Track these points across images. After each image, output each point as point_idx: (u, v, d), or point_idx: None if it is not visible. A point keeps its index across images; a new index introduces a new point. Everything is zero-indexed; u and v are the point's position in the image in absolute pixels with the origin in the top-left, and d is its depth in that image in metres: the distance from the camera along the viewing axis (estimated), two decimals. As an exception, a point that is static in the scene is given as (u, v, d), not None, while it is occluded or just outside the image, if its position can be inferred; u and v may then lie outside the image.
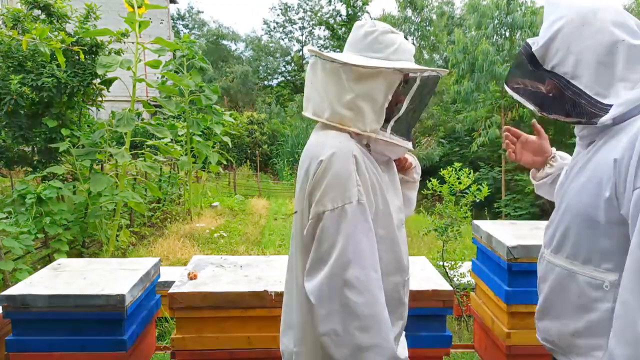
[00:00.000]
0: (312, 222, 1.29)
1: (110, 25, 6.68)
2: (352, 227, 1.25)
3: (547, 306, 1.34)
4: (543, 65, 1.26)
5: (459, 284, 4.46)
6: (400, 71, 1.32)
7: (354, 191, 1.26)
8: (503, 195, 15.92)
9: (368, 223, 1.28)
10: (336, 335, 1.23)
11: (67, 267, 2.47)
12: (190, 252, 6.80)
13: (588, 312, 1.21)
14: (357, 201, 1.26)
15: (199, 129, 9.45)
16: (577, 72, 1.19)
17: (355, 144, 1.33)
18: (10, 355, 2.11)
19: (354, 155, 1.29)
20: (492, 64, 15.16)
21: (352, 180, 1.26)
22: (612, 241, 1.15)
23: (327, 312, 1.24)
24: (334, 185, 1.26)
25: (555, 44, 1.22)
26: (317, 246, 1.27)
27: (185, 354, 2.22)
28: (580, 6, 1.21)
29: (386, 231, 1.36)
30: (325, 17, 32.87)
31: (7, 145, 6.69)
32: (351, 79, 1.32)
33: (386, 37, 1.36)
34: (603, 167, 1.15)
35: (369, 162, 1.35)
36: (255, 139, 22.67)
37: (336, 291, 1.23)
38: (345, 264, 1.23)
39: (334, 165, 1.27)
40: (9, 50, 6.17)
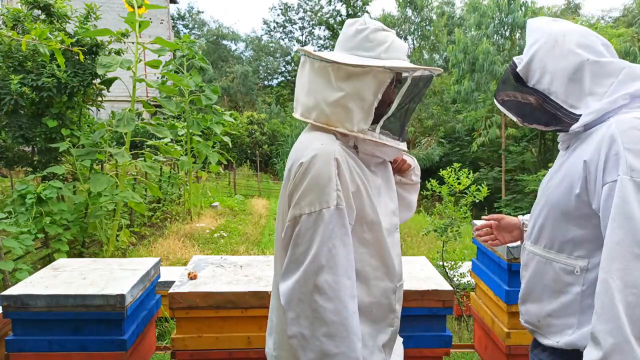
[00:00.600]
0: (290, 224, 1.27)
1: (110, 25, 6.69)
2: (328, 232, 1.22)
3: (528, 291, 1.47)
4: (527, 83, 1.43)
5: (459, 284, 4.47)
6: (391, 70, 1.28)
7: (332, 195, 1.23)
8: (503, 195, 15.92)
9: (345, 228, 1.25)
10: (304, 339, 1.23)
11: (67, 267, 2.47)
12: (190, 252, 6.80)
13: (561, 294, 1.36)
14: (336, 206, 1.23)
15: (199, 129, 9.44)
16: (553, 88, 1.37)
17: (340, 146, 1.29)
18: (10, 355, 2.11)
19: (335, 158, 1.25)
20: (492, 63, 15.17)
21: (332, 185, 1.23)
22: (582, 231, 1.31)
23: (296, 315, 1.23)
24: (312, 189, 1.23)
25: (534, 64, 1.40)
26: (293, 249, 1.26)
27: (185, 354, 2.23)
28: (551, 30, 1.39)
29: (373, 236, 1.34)
30: (325, 17, 32.87)
31: (7, 145, 6.69)
32: (340, 78, 1.29)
33: (377, 35, 1.33)
34: (575, 167, 1.31)
35: (355, 165, 1.31)
36: (255, 139, 22.67)
37: (307, 295, 1.22)
38: (317, 269, 1.21)
39: (313, 168, 1.24)
40: (9, 50, 6.17)
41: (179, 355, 2.23)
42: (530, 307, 1.46)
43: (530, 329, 1.48)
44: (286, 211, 1.30)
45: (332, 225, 1.23)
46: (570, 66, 1.34)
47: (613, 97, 1.29)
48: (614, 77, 1.31)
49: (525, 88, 1.43)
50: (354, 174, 1.30)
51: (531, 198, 14.99)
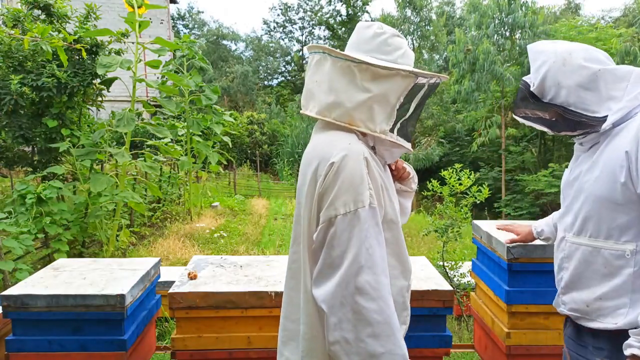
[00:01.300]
0: (323, 226, 1.25)
1: (110, 25, 6.68)
2: (364, 232, 1.22)
3: (574, 280, 1.58)
4: (542, 99, 1.60)
5: (459, 284, 4.46)
6: (415, 75, 1.31)
7: (366, 195, 1.23)
8: (503, 195, 15.92)
9: (378, 227, 1.26)
10: (347, 343, 1.21)
11: (67, 267, 2.47)
12: (190, 252, 6.80)
13: (613, 278, 1.48)
14: (370, 205, 1.24)
15: (199, 129, 9.44)
16: (571, 100, 1.54)
17: (365, 146, 1.31)
18: (10, 355, 2.11)
19: (365, 157, 1.26)
20: (492, 63, 15.16)
21: (365, 184, 1.24)
22: (628, 217, 1.45)
23: (338, 319, 1.21)
24: (346, 189, 1.23)
25: (547, 82, 1.57)
26: (328, 252, 1.24)
27: (185, 354, 2.22)
28: (557, 50, 1.58)
29: (392, 234, 1.34)
30: (325, 17, 32.86)
31: (7, 145, 6.69)
32: (365, 79, 1.29)
33: (395, 40, 1.36)
34: (614, 159, 1.46)
35: (376, 165, 1.33)
36: (255, 139, 22.67)
37: (348, 298, 1.20)
38: (357, 270, 1.20)
39: (346, 168, 1.23)
40: (9, 50, 6.17)
41: (179, 355, 2.23)
42: (577, 295, 1.57)
43: (575, 316, 1.58)
44: (314, 213, 1.28)
45: (368, 224, 1.23)
46: (583, 79, 1.52)
47: (632, 96, 1.48)
48: (626, 80, 1.50)
49: (543, 104, 1.61)
50: (376, 174, 1.31)
51: (531, 198, 14.99)
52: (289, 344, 1.40)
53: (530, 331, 2.29)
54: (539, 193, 14.59)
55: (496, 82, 16.12)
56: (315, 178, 1.28)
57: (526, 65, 14.87)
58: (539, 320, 2.30)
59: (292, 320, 1.39)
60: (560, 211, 1.72)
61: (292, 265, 1.39)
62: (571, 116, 1.55)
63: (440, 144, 19.37)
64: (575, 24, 16.20)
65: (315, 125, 1.43)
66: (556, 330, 2.29)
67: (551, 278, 2.25)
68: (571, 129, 1.59)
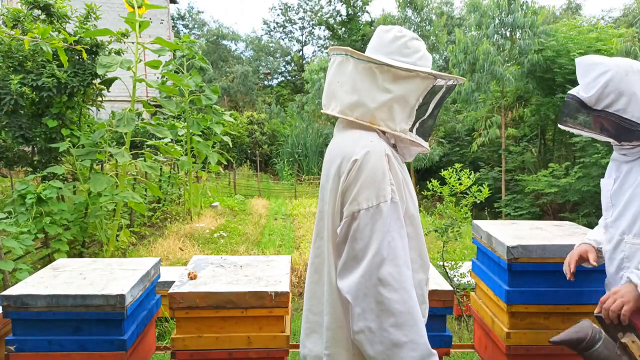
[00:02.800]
0: (347, 220, 1.30)
1: (110, 25, 6.68)
2: (386, 226, 1.27)
3: None
4: (593, 107, 1.70)
5: (459, 284, 4.46)
6: (435, 77, 1.37)
7: (388, 190, 1.29)
8: (503, 195, 15.91)
9: (400, 221, 1.31)
10: (370, 332, 1.26)
11: (67, 267, 2.47)
12: (190, 252, 6.80)
13: None
14: (391, 200, 1.29)
15: (199, 129, 9.44)
16: (629, 108, 1.65)
17: (385, 143, 1.37)
18: (10, 355, 2.11)
19: (386, 154, 1.32)
20: (492, 64, 15.14)
21: (387, 179, 1.29)
22: None
23: (361, 310, 1.26)
24: (368, 184, 1.28)
25: (607, 90, 1.67)
26: (352, 245, 1.29)
27: (185, 354, 2.22)
28: (617, 63, 1.70)
29: (413, 229, 1.39)
30: (325, 17, 32.85)
31: (7, 145, 6.69)
32: (387, 80, 1.35)
33: (414, 43, 1.42)
34: None
35: (397, 161, 1.38)
36: (255, 139, 22.66)
37: (371, 289, 1.25)
38: (380, 262, 1.25)
39: (368, 164, 1.29)
40: (9, 50, 6.17)
41: (179, 355, 2.23)
42: None
43: None
44: (337, 208, 1.34)
45: (390, 218, 1.28)
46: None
47: None
48: None
49: (596, 112, 1.70)
50: (398, 171, 1.37)
51: (531, 198, 14.97)
52: (311, 336, 1.44)
53: (530, 331, 2.29)
54: (539, 193, 14.57)
55: (496, 82, 16.09)
56: (339, 175, 1.34)
57: (526, 65, 14.88)
58: (539, 320, 2.30)
59: (315, 312, 1.44)
60: (608, 218, 1.83)
61: (315, 260, 1.45)
62: (626, 124, 1.65)
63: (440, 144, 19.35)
64: (575, 24, 16.19)
65: (337, 125, 1.49)
66: (556, 330, 2.29)
67: (551, 278, 2.26)
68: (618, 138, 1.71)
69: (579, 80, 1.78)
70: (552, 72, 14.56)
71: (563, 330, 2.29)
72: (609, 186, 1.85)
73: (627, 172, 1.75)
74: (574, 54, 13.81)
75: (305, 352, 1.45)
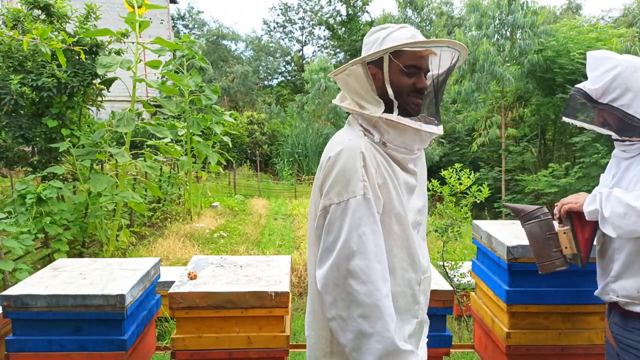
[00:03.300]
0: (321, 214, 1.38)
1: (110, 25, 6.68)
2: (356, 220, 1.31)
3: (624, 269, 1.73)
4: (598, 100, 1.72)
5: (459, 284, 4.46)
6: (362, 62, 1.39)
7: (359, 185, 1.32)
8: (503, 195, 15.91)
9: (373, 216, 1.34)
10: (342, 320, 1.32)
11: (67, 267, 2.47)
12: (190, 252, 6.80)
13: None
14: (363, 195, 1.32)
15: (199, 129, 9.43)
16: (634, 104, 1.67)
17: (367, 142, 1.39)
18: (10, 355, 2.11)
19: (361, 151, 1.35)
20: (492, 64, 15.14)
21: (358, 175, 1.33)
22: None
23: (333, 298, 1.33)
24: (340, 180, 1.34)
25: (614, 84, 1.69)
26: (325, 237, 1.36)
27: (185, 354, 2.22)
28: (627, 59, 1.72)
29: (400, 228, 1.41)
30: (325, 17, 32.86)
31: (7, 145, 6.69)
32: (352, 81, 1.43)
33: (373, 35, 1.45)
34: None
35: (383, 160, 1.40)
36: (255, 139, 22.66)
37: (341, 280, 1.31)
38: (349, 254, 1.30)
39: (340, 161, 1.34)
40: (9, 50, 6.17)
41: (179, 355, 2.23)
42: (627, 282, 1.72)
43: (625, 302, 1.73)
44: (318, 203, 1.41)
45: (360, 213, 1.32)
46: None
47: None
48: None
49: (600, 104, 1.73)
50: (381, 168, 1.38)
51: (531, 198, 14.97)
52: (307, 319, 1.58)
53: (530, 331, 2.29)
54: (539, 193, 14.57)
55: (496, 82, 16.09)
56: (319, 171, 1.42)
57: (526, 65, 14.88)
58: (539, 320, 2.30)
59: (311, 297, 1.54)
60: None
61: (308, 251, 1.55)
62: (629, 120, 1.68)
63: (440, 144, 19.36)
64: (575, 24, 16.19)
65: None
66: (556, 330, 2.29)
67: (551, 278, 2.26)
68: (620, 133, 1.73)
69: (588, 73, 1.80)
70: (552, 72, 14.57)
71: (564, 330, 2.30)
72: (607, 181, 1.86)
73: (626, 169, 1.77)
74: (573, 54, 13.82)
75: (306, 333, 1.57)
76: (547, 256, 1.89)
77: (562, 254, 1.87)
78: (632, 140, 1.73)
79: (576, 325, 2.29)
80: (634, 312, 1.72)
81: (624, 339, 1.76)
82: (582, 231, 1.84)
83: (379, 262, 1.32)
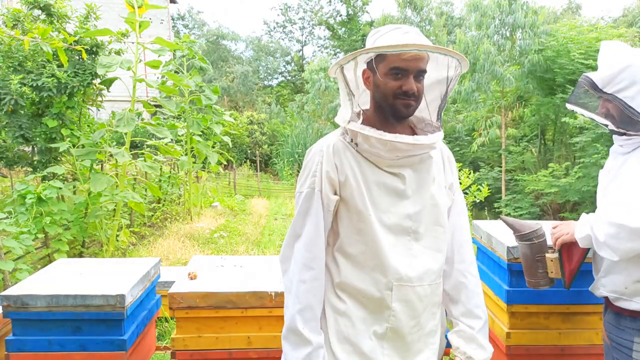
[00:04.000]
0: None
1: (111, 25, 6.68)
2: (304, 209, 1.48)
3: (614, 265, 1.74)
4: (603, 90, 1.72)
5: (459, 284, 4.46)
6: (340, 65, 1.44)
7: (309, 180, 1.47)
8: (503, 195, 15.90)
9: (315, 209, 1.47)
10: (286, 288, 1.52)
11: (67, 267, 2.47)
12: (190, 252, 6.80)
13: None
14: (311, 189, 1.46)
15: (199, 129, 9.43)
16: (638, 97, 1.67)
17: (341, 140, 1.48)
18: (10, 355, 2.11)
19: (321, 150, 1.47)
20: (493, 64, 15.14)
21: (310, 171, 1.47)
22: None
23: (283, 270, 1.53)
24: (302, 174, 1.51)
25: (622, 75, 1.68)
26: None
27: (185, 354, 2.22)
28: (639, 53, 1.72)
29: (365, 226, 1.44)
30: (325, 17, 32.85)
31: (7, 145, 6.69)
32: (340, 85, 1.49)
33: (369, 39, 1.49)
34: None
35: (351, 159, 1.46)
36: (255, 139, 22.66)
37: (289, 256, 1.51)
38: (294, 236, 1.50)
39: (307, 157, 1.51)
40: (9, 50, 6.17)
41: (179, 355, 2.23)
42: (616, 278, 1.74)
43: (614, 297, 1.75)
44: None
45: (308, 204, 1.47)
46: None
47: None
48: None
49: (603, 93, 1.73)
50: (346, 167, 1.45)
51: (531, 198, 14.97)
52: None
53: (530, 331, 2.29)
54: (539, 193, 14.57)
55: (496, 82, 16.09)
56: None
57: (526, 65, 14.87)
58: (539, 320, 2.29)
59: None
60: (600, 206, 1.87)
61: None
62: (629, 112, 1.68)
63: (440, 144, 19.35)
64: (575, 24, 16.18)
65: None
66: (556, 330, 2.29)
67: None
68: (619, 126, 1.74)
69: (599, 62, 1.81)
70: (553, 72, 14.56)
71: (564, 330, 2.29)
72: (604, 177, 1.88)
73: (622, 164, 1.77)
74: (574, 54, 13.81)
75: None
76: (533, 275, 1.99)
77: (547, 275, 1.97)
78: (629, 134, 1.73)
79: (576, 325, 2.29)
80: (625, 309, 1.73)
81: (616, 337, 1.77)
82: (569, 262, 1.91)
83: (307, 251, 1.46)
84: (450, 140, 20.09)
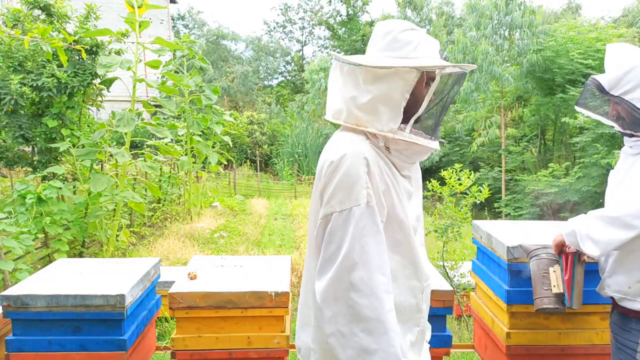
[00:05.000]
0: (322, 222, 1.30)
1: (110, 25, 6.68)
2: (359, 230, 1.24)
3: (617, 265, 1.78)
4: (610, 92, 1.73)
5: (459, 284, 4.46)
6: (417, 69, 1.28)
7: (362, 193, 1.25)
8: (503, 195, 15.91)
9: (376, 226, 1.27)
10: (342, 336, 1.23)
11: (67, 267, 2.47)
12: (190, 252, 6.80)
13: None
14: (366, 203, 1.25)
15: (199, 129, 9.43)
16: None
17: (370, 146, 1.32)
18: (10, 355, 2.11)
19: (364, 157, 1.27)
20: (491, 64, 15.14)
21: (362, 182, 1.25)
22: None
23: (333, 313, 1.24)
24: (342, 187, 1.26)
25: (628, 77, 1.69)
26: (326, 247, 1.28)
27: (185, 354, 2.23)
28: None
29: (403, 235, 1.35)
30: (325, 17, 32.84)
31: (7, 145, 6.68)
32: (367, 80, 1.30)
33: (404, 35, 1.33)
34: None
35: (385, 166, 1.33)
36: (255, 139, 22.66)
37: (342, 293, 1.23)
38: (351, 266, 1.23)
39: (343, 167, 1.26)
40: (9, 50, 6.17)
41: (179, 355, 2.23)
42: (620, 278, 1.77)
43: (619, 297, 1.78)
44: (318, 210, 1.33)
45: (364, 222, 1.25)
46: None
47: None
48: None
49: (611, 96, 1.73)
50: (384, 174, 1.32)
51: (531, 198, 14.98)
52: (305, 329, 1.45)
53: (530, 331, 2.29)
54: (539, 193, 14.57)
55: (495, 82, 16.11)
56: (319, 176, 1.33)
57: (525, 65, 14.87)
58: (539, 320, 2.30)
59: (308, 307, 1.44)
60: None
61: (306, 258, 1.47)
62: (637, 114, 1.68)
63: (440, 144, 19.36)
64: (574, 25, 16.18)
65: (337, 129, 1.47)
66: (556, 330, 2.29)
67: (551, 278, 2.25)
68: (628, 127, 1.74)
69: (605, 65, 1.81)
70: (552, 72, 14.56)
71: (564, 330, 2.30)
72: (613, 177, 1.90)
73: (630, 166, 1.78)
74: (573, 54, 13.81)
75: (299, 343, 1.47)
76: (538, 293, 2.02)
77: (552, 293, 1.98)
78: (638, 135, 1.74)
79: (576, 325, 2.29)
80: (632, 310, 1.75)
81: (621, 338, 1.79)
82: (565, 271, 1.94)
83: (383, 275, 1.25)
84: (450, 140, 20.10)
